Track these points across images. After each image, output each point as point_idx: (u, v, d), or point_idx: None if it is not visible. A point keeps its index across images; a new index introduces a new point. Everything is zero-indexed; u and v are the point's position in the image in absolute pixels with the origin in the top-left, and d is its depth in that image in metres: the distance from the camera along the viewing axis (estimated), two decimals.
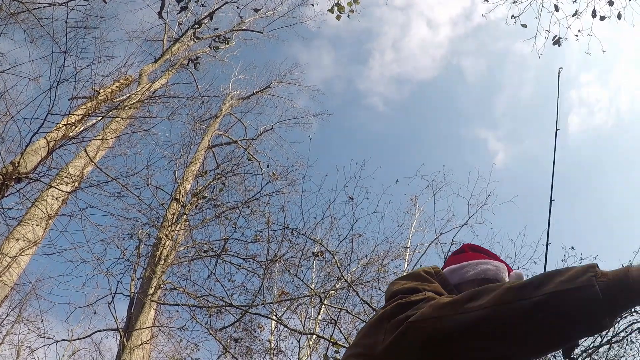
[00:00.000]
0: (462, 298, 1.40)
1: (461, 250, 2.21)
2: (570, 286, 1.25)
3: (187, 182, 12.43)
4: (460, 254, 2.16)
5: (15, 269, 7.81)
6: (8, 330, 16.52)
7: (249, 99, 17.81)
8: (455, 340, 1.34)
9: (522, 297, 1.29)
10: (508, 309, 1.30)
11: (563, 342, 1.35)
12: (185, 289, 10.10)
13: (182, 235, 11.44)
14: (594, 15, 8.46)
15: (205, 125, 14.93)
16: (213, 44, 13.19)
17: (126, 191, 9.92)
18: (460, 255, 2.14)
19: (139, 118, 11.10)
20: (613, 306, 1.21)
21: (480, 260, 2.03)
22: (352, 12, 9.13)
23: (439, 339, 1.35)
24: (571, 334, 1.31)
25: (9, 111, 7.90)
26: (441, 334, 1.35)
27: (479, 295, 1.37)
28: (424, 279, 1.81)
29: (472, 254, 2.11)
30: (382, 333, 1.46)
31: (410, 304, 1.50)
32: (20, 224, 8.13)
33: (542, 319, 1.27)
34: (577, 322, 1.26)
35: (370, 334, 1.54)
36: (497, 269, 1.98)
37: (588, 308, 1.23)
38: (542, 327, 1.28)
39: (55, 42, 7.57)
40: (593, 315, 1.23)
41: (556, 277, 1.29)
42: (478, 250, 2.17)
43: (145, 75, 13.12)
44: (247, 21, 16.89)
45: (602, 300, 1.20)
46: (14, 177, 7.62)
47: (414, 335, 1.38)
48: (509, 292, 1.32)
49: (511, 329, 1.30)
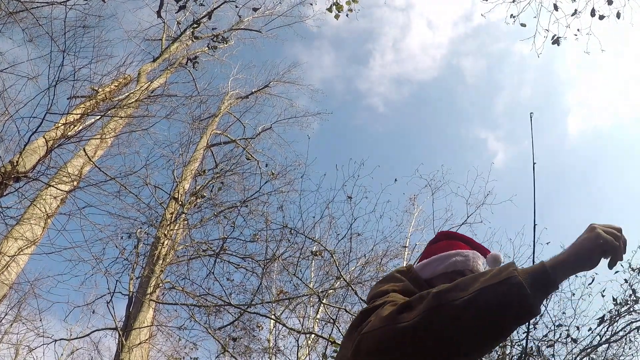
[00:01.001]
0: (397, 309, 1.47)
1: (436, 239, 2.25)
2: (495, 281, 1.38)
3: (185, 181, 12.42)
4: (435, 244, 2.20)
5: (14, 268, 7.81)
6: (7, 330, 16.54)
7: (247, 98, 17.82)
8: (397, 349, 1.41)
9: (452, 299, 1.39)
10: (439, 313, 1.39)
11: (497, 334, 1.45)
12: (183, 288, 10.10)
13: (180, 235, 11.43)
14: (593, 14, 8.47)
15: (203, 124, 14.92)
16: (211, 44, 13.19)
17: (125, 190, 9.92)
18: (435, 245, 2.18)
19: (138, 117, 11.10)
20: (534, 293, 1.35)
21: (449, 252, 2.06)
22: (350, 11, 9.12)
23: (382, 349, 1.43)
24: (503, 325, 1.41)
25: (8, 110, 7.90)
26: (383, 345, 1.43)
27: (415, 303, 1.47)
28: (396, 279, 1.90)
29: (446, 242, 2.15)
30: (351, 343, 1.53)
31: (372, 310, 1.57)
32: (19, 223, 8.13)
33: (473, 316, 1.37)
34: (506, 312, 1.37)
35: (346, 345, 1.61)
36: (466, 259, 2.03)
37: (513, 297, 1.35)
38: (476, 324, 1.38)
39: (53, 41, 7.57)
40: (518, 304, 1.35)
41: (480, 277, 1.43)
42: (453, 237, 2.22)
43: (144, 75, 13.12)
44: (246, 20, 16.89)
45: (524, 288, 1.34)
46: (12, 176, 7.62)
47: (365, 346, 1.46)
48: (437, 297, 1.42)
49: (446, 331, 1.39)
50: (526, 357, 8.09)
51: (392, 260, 12.15)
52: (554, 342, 8.02)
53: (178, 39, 15.12)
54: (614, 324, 8.08)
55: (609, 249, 1.44)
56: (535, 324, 8.24)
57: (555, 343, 8.03)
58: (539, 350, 8.10)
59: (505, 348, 8.51)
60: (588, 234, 1.46)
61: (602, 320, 8.00)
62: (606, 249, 1.44)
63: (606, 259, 1.48)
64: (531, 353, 8.09)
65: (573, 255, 1.44)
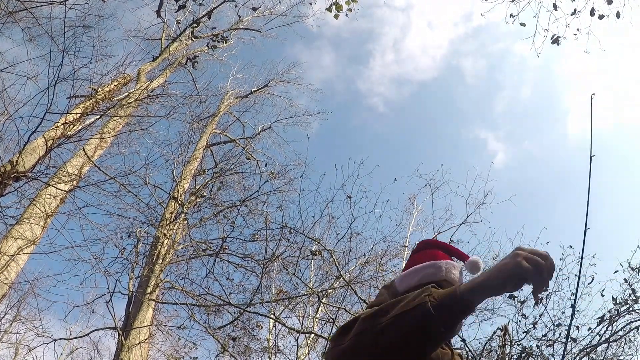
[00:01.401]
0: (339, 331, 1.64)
1: (418, 248, 2.29)
2: (408, 307, 1.46)
3: (185, 180, 12.43)
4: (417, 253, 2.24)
5: (13, 268, 7.80)
6: (6, 329, 16.52)
7: (247, 97, 17.82)
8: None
9: (373, 325, 1.51)
10: (363, 338, 1.51)
11: (414, 356, 1.50)
12: (183, 288, 10.10)
13: (180, 234, 11.44)
14: (592, 13, 8.46)
15: (203, 124, 14.93)
16: (211, 43, 13.18)
17: (124, 190, 9.91)
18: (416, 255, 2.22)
19: (137, 117, 11.10)
20: (446, 317, 1.42)
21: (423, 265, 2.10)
22: (350, 11, 9.10)
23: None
24: (418, 349, 1.48)
25: (7, 110, 7.90)
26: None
27: (353, 326, 1.58)
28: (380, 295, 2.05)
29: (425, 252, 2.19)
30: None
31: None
32: (19, 222, 8.13)
33: (389, 341, 1.46)
34: (416, 337, 1.45)
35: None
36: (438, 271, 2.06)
37: (423, 323, 1.42)
38: (392, 347, 1.47)
39: (53, 41, 7.57)
40: (429, 328, 1.42)
41: (400, 302, 1.51)
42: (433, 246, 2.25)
43: (143, 74, 13.12)
44: (246, 20, 16.89)
45: (433, 314, 1.40)
46: (12, 176, 7.62)
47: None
48: (364, 322, 1.54)
49: (369, 354, 1.50)
50: (526, 356, 8.10)
51: (391, 259, 12.14)
52: (553, 342, 8.03)
53: (177, 38, 15.13)
54: (614, 323, 8.09)
55: (528, 277, 1.40)
56: (534, 324, 8.25)
57: (554, 342, 8.03)
58: (539, 349, 8.11)
59: (505, 348, 8.52)
60: (509, 260, 1.43)
61: (602, 320, 8.01)
62: (526, 277, 1.40)
63: (529, 284, 1.44)
64: (531, 353, 8.10)
65: (489, 280, 1.43)
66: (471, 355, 8.82)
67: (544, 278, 1.41)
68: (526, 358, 8.13)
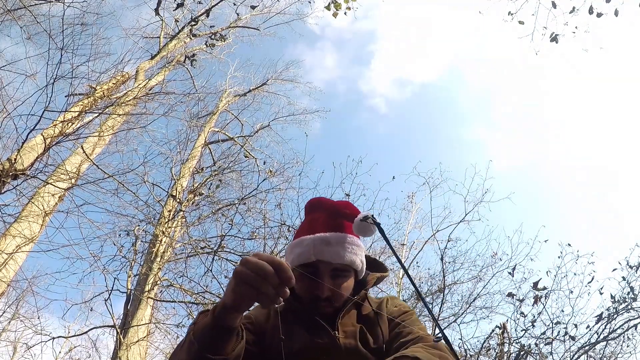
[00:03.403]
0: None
1: (305, 211, 2.08)
2: (182, 342, 1.55)
3: (183, 179, 12.42)
4: (305, 218, 2.07)
5: (11, 266, 7.80)
6: (5, 327, 16.52)
7: (245, 96, 17.82)
8: None
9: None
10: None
11: None
12: (181, 286, 10.10)
13: (178, 232, 11.43)
14: (590, 12, 8.47)
15: (201, 122, 14.95)
16: (209, 42, 13.18)
17: (123, 188, 9.91)
18: (303, 222, 2.06)
19: (136, 115, 11.10)
20: (202, 343, 1.44)
21: (293, 243, 1.94)
22: (348, 9, 9.10)
23: None
24: None
25: (6, 108, 7.89)
26: None
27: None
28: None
29: (308, 218, 2.01)
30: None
31: None
32: (17, 220, 8.12)
33: None
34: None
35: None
36: (306, 251, 1.85)
37: (190, 352, 1.46)
38: None
39: (52, 39, 7.57)
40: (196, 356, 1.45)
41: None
42: (316, 208, 2.00)
43: (141, 72, 13.11)
44: (244, 18, 16.88)
45: (194, 341, 1.44)
46: (10, 174, 7.62)
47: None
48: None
49: None
50: (524, 354, 8.11)
51: (390, 257, 12.15)
52: (552, 340, 8.04)
53: (176, 36, 15.10)
54: (612, 321, 8.10)
55: (246, 284, 1.27)
56: (533, 322, 8.26)
57: (553, 341, 8.04)
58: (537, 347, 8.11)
59: (504, 346, 8.53)
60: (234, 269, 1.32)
61: (600, 318, 8.01)
62: (242, 284, 1.28)
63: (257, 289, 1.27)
64: (529, 351, 8.10)
65: (225, 296, 1.37)
66: (470, 354, 8.84)
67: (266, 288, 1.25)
68: (525, 356, 8.14)
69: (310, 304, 1.83)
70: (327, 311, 1.83)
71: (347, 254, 1.82)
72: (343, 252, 1.81)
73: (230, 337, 1.45)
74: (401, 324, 1.79)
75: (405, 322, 1.80)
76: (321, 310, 1.82)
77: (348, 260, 1.82)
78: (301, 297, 1.86)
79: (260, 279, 1.25)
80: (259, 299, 1.28)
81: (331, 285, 1.79)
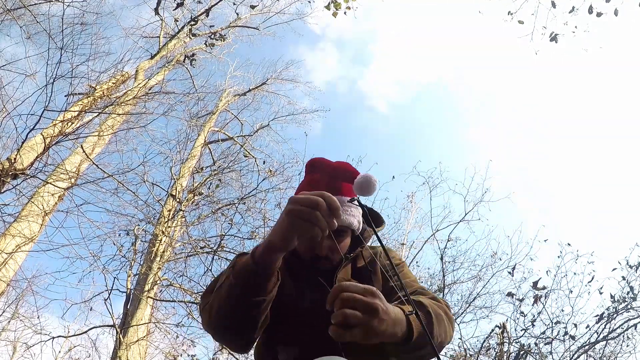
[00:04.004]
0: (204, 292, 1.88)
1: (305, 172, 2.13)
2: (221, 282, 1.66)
3: (183, 178, 12.42)
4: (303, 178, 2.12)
5: (11, 265, 7.80)
6: (4, 327, 16.52)
7: (245, 95, 17.81)
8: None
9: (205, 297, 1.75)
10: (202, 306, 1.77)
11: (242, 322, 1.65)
12: (181, 286, 10.11)
13: (178, 232, 11.43)
14: (590, 11, 8.47)
15: (201, 121, 14.93)
16: (209, 41, 13.18)
17: (122, 187, 9.92)
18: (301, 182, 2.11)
19: (136, 114, 11.10)
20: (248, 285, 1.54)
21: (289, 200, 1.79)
22: (348, 9, 9.09)
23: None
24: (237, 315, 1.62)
25: (6, 107, 7.89)
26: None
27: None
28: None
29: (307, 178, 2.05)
30: None
31: None
32: (17, 220, 8.12)
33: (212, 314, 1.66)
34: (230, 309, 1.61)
35: None
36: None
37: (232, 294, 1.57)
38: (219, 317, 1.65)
39: (51, 39, 7.59)
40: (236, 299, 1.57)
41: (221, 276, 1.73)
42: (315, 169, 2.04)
43: (141, 72, 13.11)
44: (244, 18, 16.87)
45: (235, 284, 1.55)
46: (10, 174, 7.61)
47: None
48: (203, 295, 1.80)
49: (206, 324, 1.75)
50: (524, 354, 8.11)
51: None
52: (551, 339, 8.05)
53: (176, 36, 15.09)
54: (612, 321, 8.11)
55: (304, 220, 1.36)
56: (533, 322, 8.26)
57: (553, 340, 8.05)
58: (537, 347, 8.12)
59: (503, 345, 8.54)
60: (283, 212, 1.42)
61: (600, 318, 8.02)
62: (301, 220, 1.37)
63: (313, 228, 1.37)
64: (529, 350, 8.11)
65: (271, 236, 1.45)
66: (469, 353, 8.84)
67: (317, 218, 1.35)
68: (524, 356, 8.15)
69: (310, 261, 1.92)
70: (326, 268, 1.92)
71: (346, 216, 1.91)
72: (343, 215, 1.88)
73: (271, 278, 1.55)
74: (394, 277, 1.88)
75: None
76: (320, 267, 1.91)
77: (347, 222, 1.90)
78: (301, 255, 1.95)
79: (314, 211, 1.35)
80: (314, 230, 1.36)
81: (329, 244, 1.88)
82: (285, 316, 1.80)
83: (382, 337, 1.35)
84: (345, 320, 1.27)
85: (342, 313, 1.27)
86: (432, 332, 1.56)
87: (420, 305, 1.61)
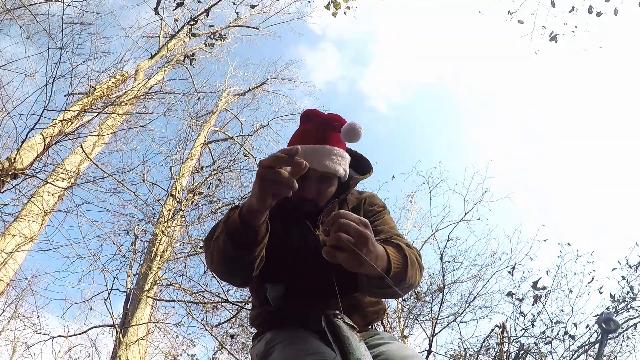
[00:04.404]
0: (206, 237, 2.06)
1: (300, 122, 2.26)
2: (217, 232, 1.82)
3: (183, 178, 12.42)
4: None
5: (11, 265, 7.80)
6: (4, 327, 16.51)
7: (245, 95, 17.80)
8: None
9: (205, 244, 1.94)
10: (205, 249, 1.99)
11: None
12: (181, 285, 10.11)
13: (178, 232, 11.43)
14: (590, 11, 8.47)
15: (201, 121, 14.92)
16: (209, 41, 13.17)
17: (122, 187, 9.91)
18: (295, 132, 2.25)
19: (135, 114, 11.09)
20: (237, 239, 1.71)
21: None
22: (348, 8, 9.07)
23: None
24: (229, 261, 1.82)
25: (5, 107, 7.89)
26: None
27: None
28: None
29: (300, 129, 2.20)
30: None
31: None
32: (17, 220, 8.12)
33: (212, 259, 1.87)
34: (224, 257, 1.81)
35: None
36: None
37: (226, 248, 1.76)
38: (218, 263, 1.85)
39: (51, 38, 7.58)
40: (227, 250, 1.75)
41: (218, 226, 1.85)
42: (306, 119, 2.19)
43: (141, 72, 13.11)
44: (244, 17, 16.87)
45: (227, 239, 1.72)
46: (10, 173, 7.61)
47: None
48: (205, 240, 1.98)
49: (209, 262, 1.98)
50: (524, 354, 8.12)
51: None
52: (551, 339, 8.05)
53: (175, 36, 15.09)
54: None
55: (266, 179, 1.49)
56: (533, 321, 8.27)
57: (552, 340, 8.05)
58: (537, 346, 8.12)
59: (503, 345, 8.54)
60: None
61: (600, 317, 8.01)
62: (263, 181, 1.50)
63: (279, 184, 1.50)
64: (529, 350, 8.11)
65: (250, 196, 1.61)
66: (469, 353, 8.84)
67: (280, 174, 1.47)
68: (524, 355, 8.15)
69: (297, 204, 2.06)
70: (311, 211, 2.05)
71: (332, 164, 2.04)
72: (329, 162, 2.04)
73: (259, 232, 1.70)
74: (375, 223, 2.09)
75: (376, 218, 2.14)
76: (306, 210, 2.06)
77: (333, 169, 2.04)
78: (289, 198, 2.01)
79: (276, 170, 1.47)
80: (279, 188, 1.50)
81: (316, 189, 2.05)
82: (274, 254, 1.94)
83: (366, 267, 1.45)
84: (339, 243, 1.38)
85: (337, 236, 1.38)
86: (407, 273, 1.70)
87: (399, 248, 1.74)
